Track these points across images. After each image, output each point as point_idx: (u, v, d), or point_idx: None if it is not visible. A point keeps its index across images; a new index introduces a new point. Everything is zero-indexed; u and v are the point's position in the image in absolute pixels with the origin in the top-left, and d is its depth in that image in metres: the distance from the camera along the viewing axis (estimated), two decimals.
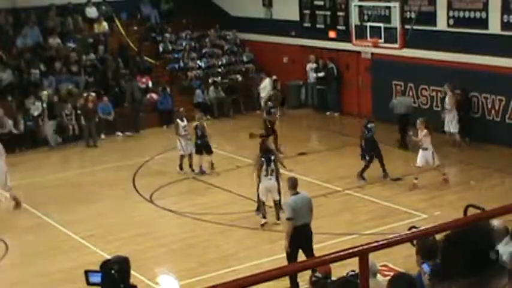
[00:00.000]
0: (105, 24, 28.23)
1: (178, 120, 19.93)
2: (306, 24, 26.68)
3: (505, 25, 19.96)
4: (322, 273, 9.24)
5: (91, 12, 28.45)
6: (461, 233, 3.02)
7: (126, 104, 25.37)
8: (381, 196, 16.94)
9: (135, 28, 29.47)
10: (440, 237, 3.39)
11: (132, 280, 6.62)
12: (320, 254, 4.29)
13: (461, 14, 21.11)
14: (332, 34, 25.55)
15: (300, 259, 11.80)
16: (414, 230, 6.15)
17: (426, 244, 6.70)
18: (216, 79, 27.45)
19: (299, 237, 12.06)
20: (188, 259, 14.20)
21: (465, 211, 11.66)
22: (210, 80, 27.27)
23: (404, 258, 11.43)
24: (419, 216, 15.47)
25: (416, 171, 17.47)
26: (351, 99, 25.39)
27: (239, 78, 28.07)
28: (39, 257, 14.62)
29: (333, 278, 8.95)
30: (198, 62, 28.05)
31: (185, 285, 13.16)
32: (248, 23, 29.08)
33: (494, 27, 20.24)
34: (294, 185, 12.48)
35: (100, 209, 17.32)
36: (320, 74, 25.87)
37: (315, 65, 26.12)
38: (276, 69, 27.20)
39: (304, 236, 12.11)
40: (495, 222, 7.31)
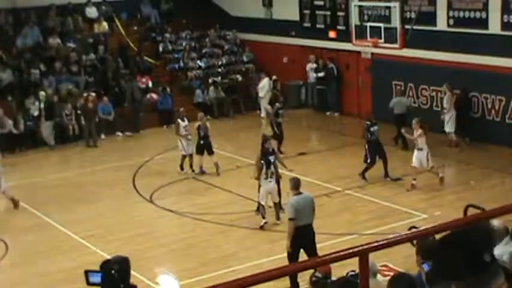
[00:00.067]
0: (105, 24, 28.23)
1: (179, 120, 19.90)
2: (306, 24, 26.68)
3: (505, 25, 19.96)
4: (322, 273, 9.24)
5: (91, 12, 28.45)
6: (455, 235, 3.01)
7: (126, 104, 25.38)
8: (381, 196, 16.94)
9: (135, 28, 29.47)
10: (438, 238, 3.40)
11: (132, 280, 6.61)
12: (320, 254, 4.28)
13: (461, 14, 21.11)
14: (332, 34, 25.54)
15: (302, 259, 11.80)
16: (414, 230, 6.15)
17: (426, 244, 6.71)
18: (216, 79, 27.45)
19: (301, 237, 12.07)
20: (188, 259, 14.20)
21: (465, 211, 11.65)
22: (210, 80, 27.28)
23: (404, 258, 11.44)
24: (419, 216, 15.47)
25: (413, 171, 17.46)
26: (351, 99, 25.39)
27: (239, 78, 28.08)
28: (39, 257, 14.62)
29: (333, 278, 8.96)
30: (198, 62, 28.05)
31: (185, 285, 13.16)
32: (248, 23, 29.08)
33: (494, 27, 20.23)
34: (297, 185, 12.48)
35: (100, 209, 17.32)
36: (320, 74, 25.86)
37: (315, 65, 26.11)
38: (276, 69, 27.21)
39: (306, 236, 12.12)
40: (495, 222, 7.31)
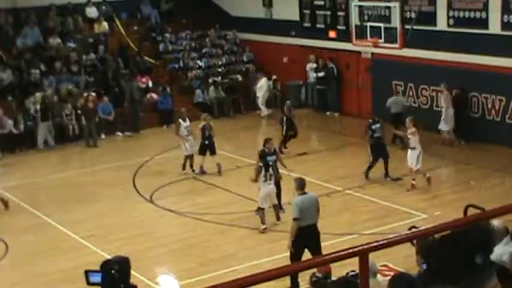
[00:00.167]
0: (105, 24, 28.23)
1: (180, 120, 19.85)
2: (306, 24, 26.67)
3: (505, 25, 19.96)
4: (322, 273, 9.25)
5: (91, 12, 28.45)
6: (448, 237, 3.02)
7: (125, 104, 25.37)
8: (381, 196, 16.94)
9: (135, 28, 29.47)
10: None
11: (132, 280, 6.62)
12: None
13: (461, 14, 21.10)
14: (332, 34, 25.54)
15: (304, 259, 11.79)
16: (414, 230, 6.14)
17: (426, 244, 6.70)
18: (216, 79, 27.45)
19: (305, 237, 12.05)
20: (188, 259, 14.20)
21: (465, 211, 11.65)
22: (210, 80, 27.28)
23: (404, 258, 11.45)
24: (419, 216, 15.47)
25: (412, 171, 17.46)
26: (351, 99, 25.39)
27: (239, 78, 28.07)
28: (39, 257, 14.62)
29: (333, 278, 8.96)
30: (198, 62, 28.05)
31: (185, 285, 13.16)
32: (248, 23, 29.08)
33: (494, 27, 20.23)
34: (302, 185, 12.47)
35: (100, 209, 17.32)
36: (320, 74, 25.85)
37: (315, 65, 26.11)
38: (276, 69, 27.22)
39: (310, 237, 12.11)
40: (495, 222, 7.30)
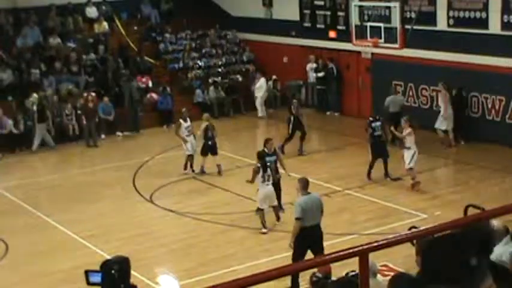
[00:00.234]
0: (105, 24, 28.22)
1: (181, 120, 19.80)
2: (306, 24, 26.68)
3: (505, 25, 19.96)
4: (322, 273, 9.25)
5: (91, 12, 28.45)
6: (444, 238, 3.02)
7: (126, 104, 25.36)
8: (381, 196, 16.94)
9: (135, 28, 29.45)
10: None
11: (132, 280, 6.62)
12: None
13: (461, 14, 21.10)
14: (332, 34, 25.54)
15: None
16: (414, 230, 6.14)
17: (426, 244, 6.69)
18: (216, 79, 27.44)
19: (308, 238, 12.03)
20: (188, 259, 14.20)
21: (465, 211, 11.65)
22: (210, 80, 27.27)
23: (404, 258, 11.45)
24: (419, 216, 15.47)
25: (411, 172, 17.46)
26: (351, 99, 25.39)
27: (239, 78, 28.07)
28: (39, 257, 14.61)
29: (333, 278, 8.96)
30: (198, 62, 28.05)
31: (185, 285, 13.16)
32: (248, 23, 29.08)
33: (494, 27, 20.23)
34: (305, 186, 12.45)
35: (100, 209, 17.32)
36: (320, 74, 25.85)
37: (315, 65, 26.11)
38: (276, 69, 27.21)
39: (313, 237, 12.08)
40: (495, 222, 7.30)
